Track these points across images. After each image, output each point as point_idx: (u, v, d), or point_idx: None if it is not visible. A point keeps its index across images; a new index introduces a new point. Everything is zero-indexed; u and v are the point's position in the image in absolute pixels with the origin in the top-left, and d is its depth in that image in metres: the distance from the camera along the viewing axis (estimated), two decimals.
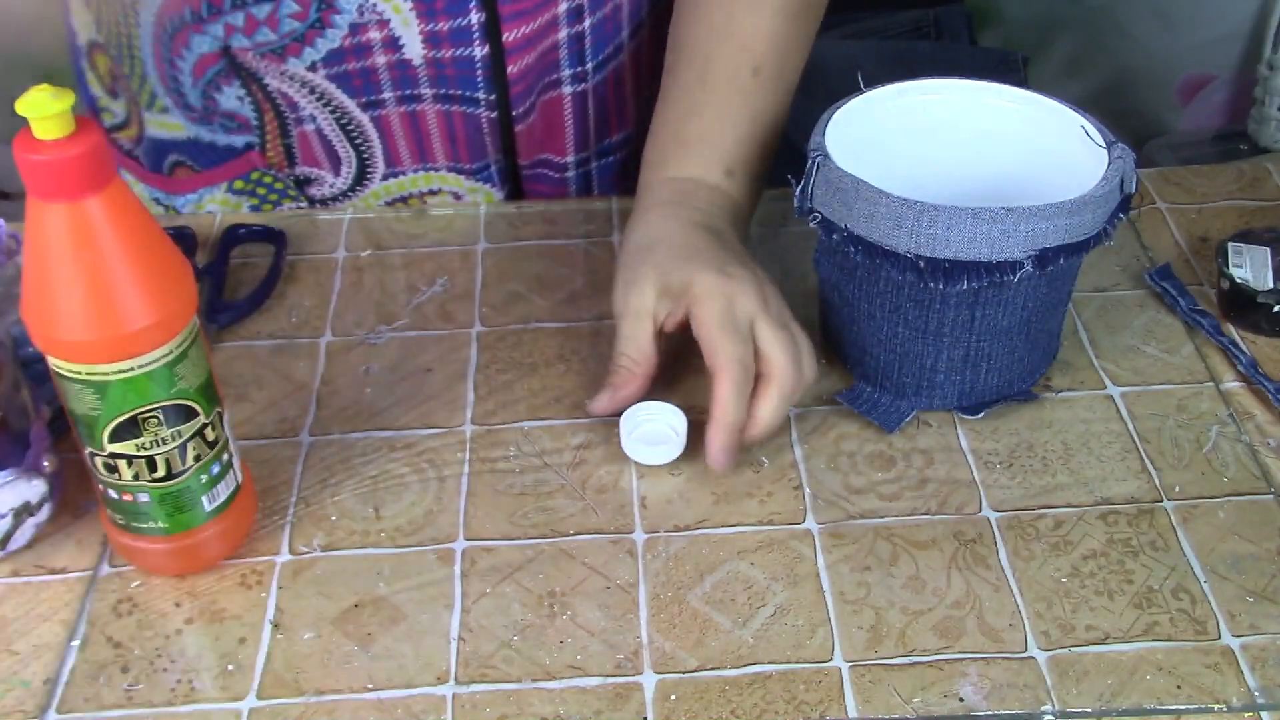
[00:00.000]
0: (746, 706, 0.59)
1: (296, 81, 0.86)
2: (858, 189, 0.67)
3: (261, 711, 0.60)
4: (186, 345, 0.59)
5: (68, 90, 0.53)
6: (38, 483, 0.66)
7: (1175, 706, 0.59)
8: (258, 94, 0.88)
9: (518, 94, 0.89)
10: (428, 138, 0.91)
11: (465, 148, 0.92)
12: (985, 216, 0.65)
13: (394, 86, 0.87)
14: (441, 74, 0.87)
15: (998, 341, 0.71)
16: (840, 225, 0.69)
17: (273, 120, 0.89)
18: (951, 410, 0.74)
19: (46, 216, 0.55)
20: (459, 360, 0.78)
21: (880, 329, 0.72)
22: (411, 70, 0.87)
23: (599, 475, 0.71)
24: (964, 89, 0.77)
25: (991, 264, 0.66)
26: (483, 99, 0.88)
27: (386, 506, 0.69)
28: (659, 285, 0.71)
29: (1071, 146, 0.73)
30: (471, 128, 0.90)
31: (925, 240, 0.66)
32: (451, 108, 0.89)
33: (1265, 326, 0.78)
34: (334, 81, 0.87)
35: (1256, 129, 1.73)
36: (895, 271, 0.68)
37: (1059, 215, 0.66)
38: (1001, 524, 0.67)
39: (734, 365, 0.68)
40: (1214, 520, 0.67)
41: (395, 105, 0.88)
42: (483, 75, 0.87)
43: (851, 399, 0.74)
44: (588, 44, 0.90)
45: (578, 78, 0.92)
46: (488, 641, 0.62)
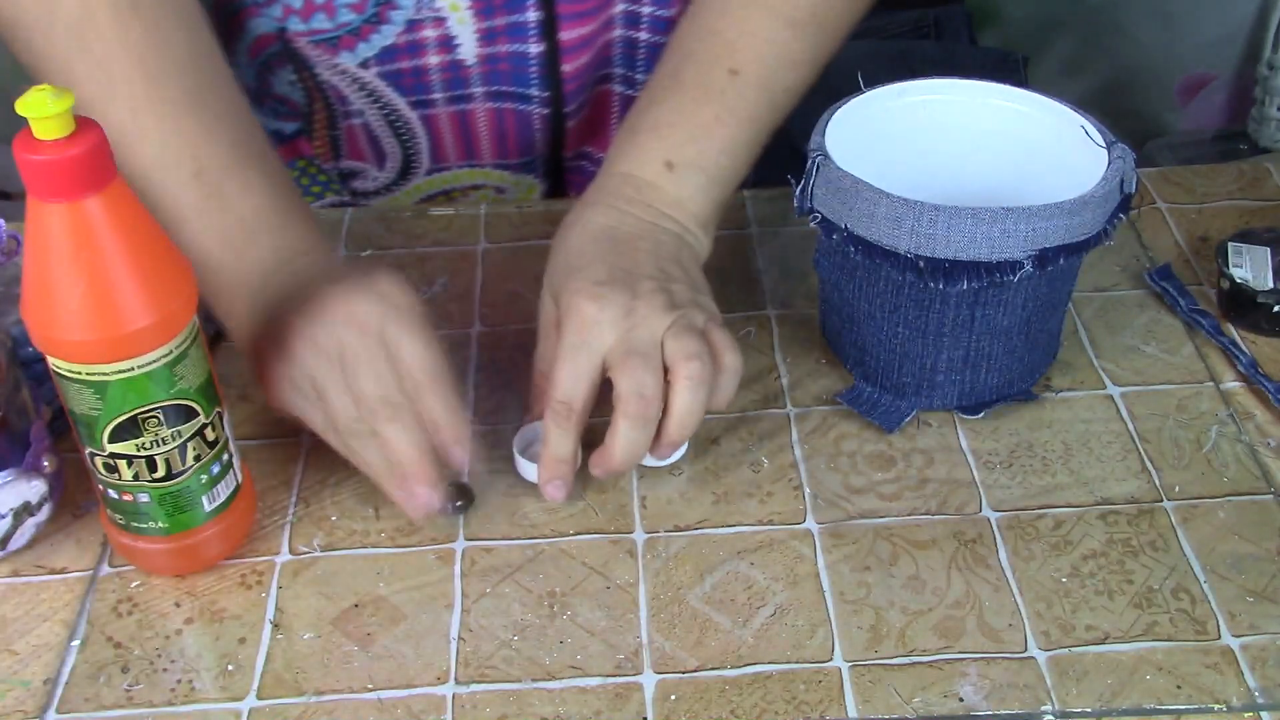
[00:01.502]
0: (746, 706, 0.59)
1: (348, 77, 0.86)
2: (858, 189, 0.67)
3: (261, 711, 0.60)
4: (186, 345, 0.59)
5: (68, 90, 0.53)
6: (38, 483, 0.66)
7: (1175, 706, 0.59)
8: (309, 82, 0.87)
9: (571, 91, 0.89)
10: (476, 137, 0.91)
11: (514, 145, 0.92)
12: (985, 216, 0.65)
13: (445, 87, 0.87)
14: (495, 70, 0.87)
15: (998, 341, 0.71)
16: (840, 225, 0.69)
17: (321, 110, 0.89)
18: (952, 410, 0.74)
19: (46, 216, 0.55)
20: (459, 360, 0.78)
21: (880, 329, 0.72)
22: (464, 71, 0.86)
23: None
24: (963, 89, 0.77)
25: (992, 264, 0.66)
26: (535, 95, 0.88)
27: (386, 506, 0.69)
28: (553, 295, 0.70)
29: (1071, 147, 0.73)
30: (521, 125, 0.90)
31: (925, 240, 0.66)
32: (503, 105, 0.89)
33: (1265, 326, 0.78)
34: (385, 80, 0.86)
35: (1256, 129, 1.73)
36: (895, 271, 0.68)
37: (1059, 215, 0.66)
38: (1001, 524, 0.67)
39: (556, 402, 0.66)
40: (1214, 520, 0.67)
41: (445, 105, 0.89)
42: (537, 73, 0.87)
43: (852, 399, 0.74)
44: (640, 54, 0.90)
45: (627, 81, 0.92)
46: (488, 641, 0.62)
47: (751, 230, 0.88)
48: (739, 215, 0.89)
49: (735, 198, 0.91)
